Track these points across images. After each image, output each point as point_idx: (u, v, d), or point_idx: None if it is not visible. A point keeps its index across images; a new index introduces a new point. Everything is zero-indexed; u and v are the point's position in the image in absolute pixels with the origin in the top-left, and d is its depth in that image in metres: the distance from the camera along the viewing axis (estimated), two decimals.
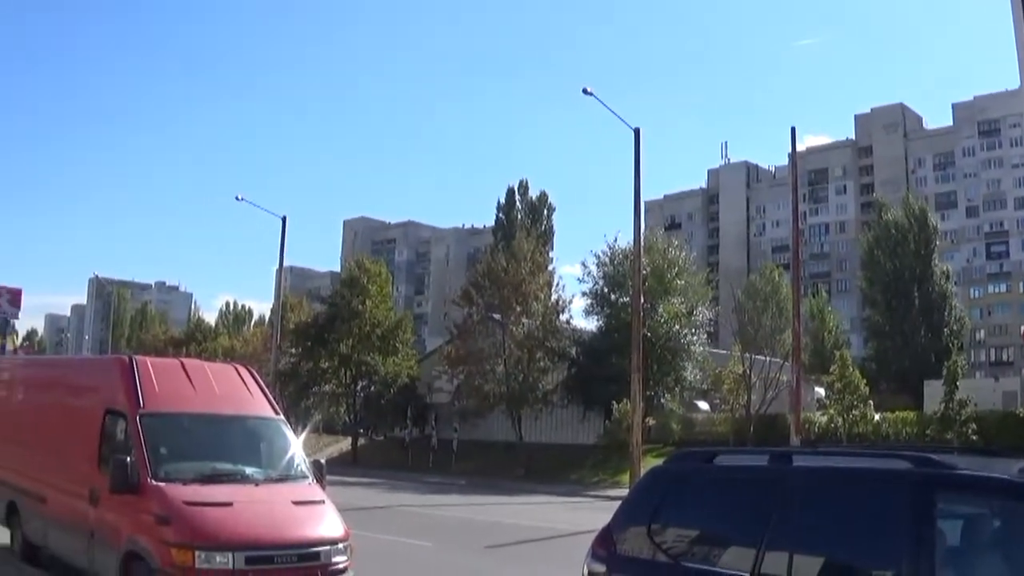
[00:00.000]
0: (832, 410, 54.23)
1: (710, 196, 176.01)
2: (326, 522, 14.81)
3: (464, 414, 66.85)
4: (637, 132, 44.46)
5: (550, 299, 68.18)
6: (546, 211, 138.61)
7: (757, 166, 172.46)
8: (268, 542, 13.86)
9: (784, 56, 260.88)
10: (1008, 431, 46.52)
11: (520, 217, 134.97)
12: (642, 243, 49.23)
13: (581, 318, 72.44)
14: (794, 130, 46.63)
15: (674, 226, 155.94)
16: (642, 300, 48.49)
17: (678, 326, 63.53)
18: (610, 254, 66.48)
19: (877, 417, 53.61)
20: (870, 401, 54.61)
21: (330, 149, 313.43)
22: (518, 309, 65.35)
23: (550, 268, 73.56)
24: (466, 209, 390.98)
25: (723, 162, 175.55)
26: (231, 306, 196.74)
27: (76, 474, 16.23)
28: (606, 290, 67.01)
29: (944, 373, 52.68)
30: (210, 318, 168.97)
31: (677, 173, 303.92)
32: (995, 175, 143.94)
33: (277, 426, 16.91)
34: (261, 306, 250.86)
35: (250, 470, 15.69)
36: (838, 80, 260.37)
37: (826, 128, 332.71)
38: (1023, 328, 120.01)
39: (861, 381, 54.34)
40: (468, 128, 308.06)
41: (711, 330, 75.50)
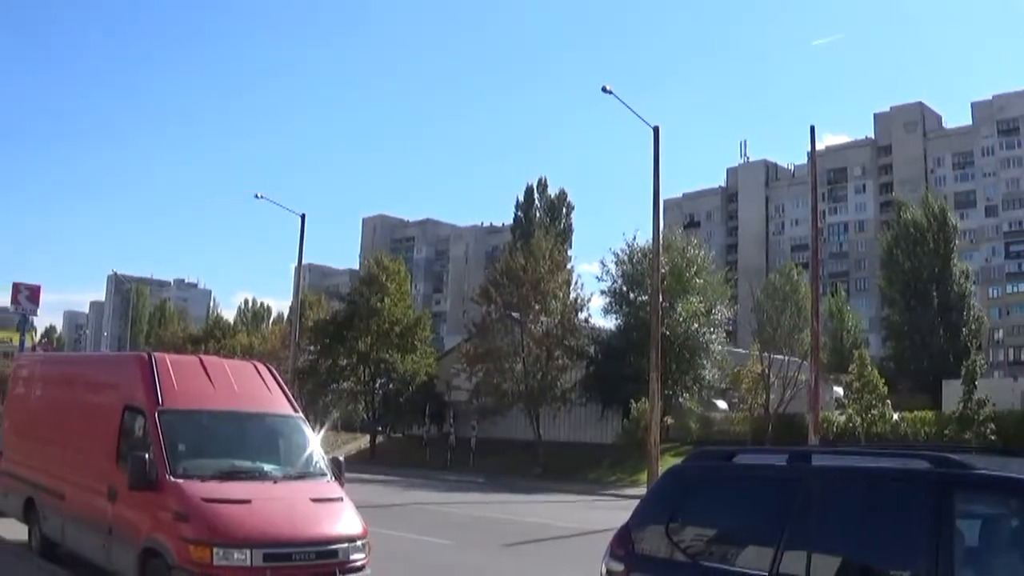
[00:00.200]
0: (850, 409, 54.12)
1: (729, 195, 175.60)
2: (344, 519, 14.81)
3: (482, 412, 66.95)
4: (656, 130, 44.37)
5: (569, 297, 68.25)
6: (565, 209, 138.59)
7: (776, 165, 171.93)
8: (286, 539, 13.84)
9: (802, 55, 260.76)
10: None
11: (539, 215, 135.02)
12: (661, 241, 49.03)
13: (600, 316, 72.56)
14: (813, 129, 46.16)
15: (693, 225, 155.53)
16: (661, 299, 48.44)
17: (697, 325, 63.49)
18: (629, 252, 66.48)
19: (895, 417, 53.45)
20: (888, 401, 54.50)
21: (349, 147, 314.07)
22: (537, 307, 65.38)
23: (569, 266, 73.69)
24: (485, 207, 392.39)
25: (742, 160, 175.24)
26: (250, 303, 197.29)
27: (94, 471, 16.26)
28: (624, 289, 66.94)
29: (963, 373, 52.45)
30: (229, 315, 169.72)
31: (696, 171, 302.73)
32: (1014, 174, 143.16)
33: (296, 423, 16.90)
34: (280, 303, 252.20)
35: (269, 467, 15.70)
36: (857, 79, 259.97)
37: (845, 127, 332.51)
38: None
39: (880, 381, 54.22)
40: (487, 126, 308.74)
41: (730, 329, 75.51)
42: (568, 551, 24.93)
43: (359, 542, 14.55)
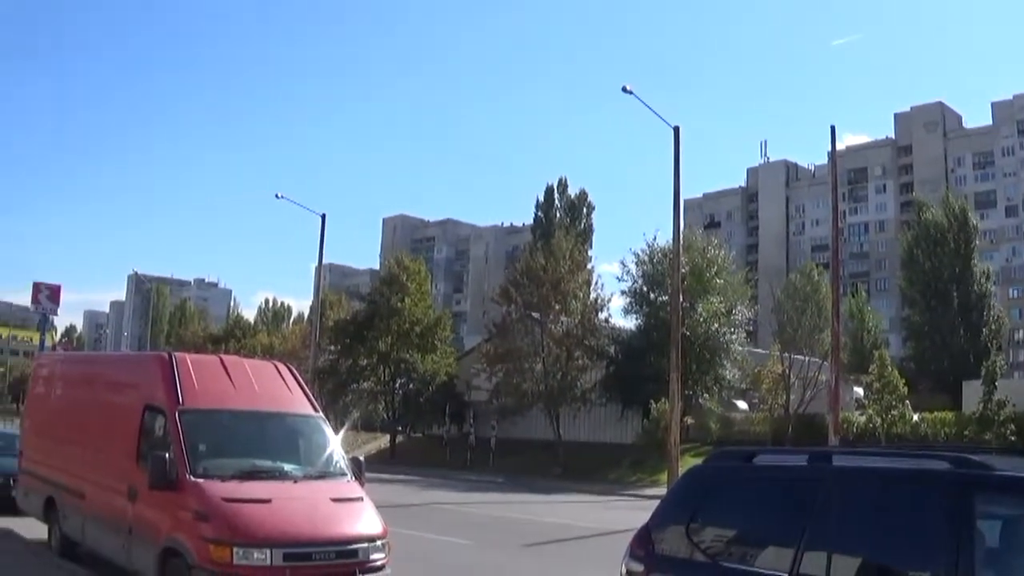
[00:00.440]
0: (871, 410, 54.01)
1: (749, 195, 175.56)
2: (364, 519, 14.79)
3: (502, 412, 66.93)
4: (677, 130, 44.40)
5: (589, 297, 68.23)
6: (585, 209, 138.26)
7: (796, 165, 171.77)
8: (306, 539, 13.84)
9: (823, 55, 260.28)
10: None
11: (559, 215, 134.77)
12: (681, 242, 49.11)
13: (620, 317, 72.51)
14: (834, 129, 46.30)
15: (713, 225, 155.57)
16: (681, 299, 48.36)
17: (717, 325, 63.36)
18: (649, 253, 66.34)
19: (915, 417, 53.37)
20: (908, 401, 54.41)
21: (370, 147, 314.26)
22: (557, 307, 65.40)
23: (589, 266, 73.65)
24: (505, 207, 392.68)
25: (762, 161, 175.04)
26: (270, 303, 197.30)
27: (115, 470, 16.28)
28: (645, 289, 66.86)
29: (983, 373, 52.40)
30: (249, 315, 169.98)
31: (716, 171, 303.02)
32: None
33: (316, 423, 16.88)
34: (300, 303, 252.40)
35: (289, 467, 15.68)
36: (877, 79, 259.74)
37: (865, 127, 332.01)
38: None
39: (900, 381, 54.10)
40: (507, 126, 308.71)
41: (750, 329, 75.33)
42: (588, 551, 24.89)
43: (379, 542, 14.53)
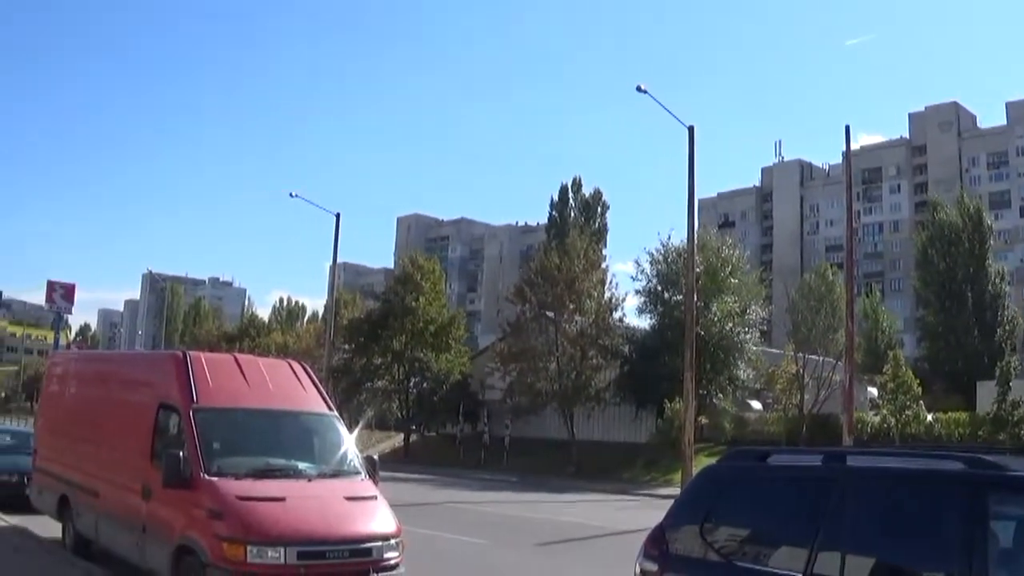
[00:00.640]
0: (885, 410, 54.02)
1: (764, 194, 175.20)
2: (378, 518, 14.79)
3: (516, 411, 66.89)
4: (691, 130, 44.35)
5: (603, 297, 68.16)
6: (600, 209, 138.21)
7: (811, 164, 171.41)
8: (320, 537, 13.83)
9: (837, 54, 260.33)
10: None
11: (573, 215, 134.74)
12: (696, 241, 49.02)
13: (634, 316, 72.48)
14: (848, 128, 46.38)
15: (727, 224, 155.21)
16: (695, 298, 48.29)
17: (731, 325, 63.26)
18: (663, 252, 66.25)
19: (930, 418, 53.31)
20: (922, 402, 54.37)
21: (384, 146, 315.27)
22: (571, 307, 65.37)
23: (603, 266, 73.50)
24: (519, 206, 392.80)
25: (777, 160, 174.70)
26: (284, 302, 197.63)
27: (129, 468, 16.29)
28: (659, 288, 66.78)
29: (997, 374, 52.34)
30: (263, 314, 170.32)
31: (731, 171, 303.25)
32: None
33: (330, 422, 16.87)
34: (315, 302, 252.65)
35: (303, 465, 15.66)
36: (891, 78, 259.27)
37: (880, 127, 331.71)
38: None
39: (914, 381, 54.09)
40: (522, 125, 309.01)
41: (764, 329, 75.18)
42: (602, 551, 24.91)
43: (393, 541, 14.53)
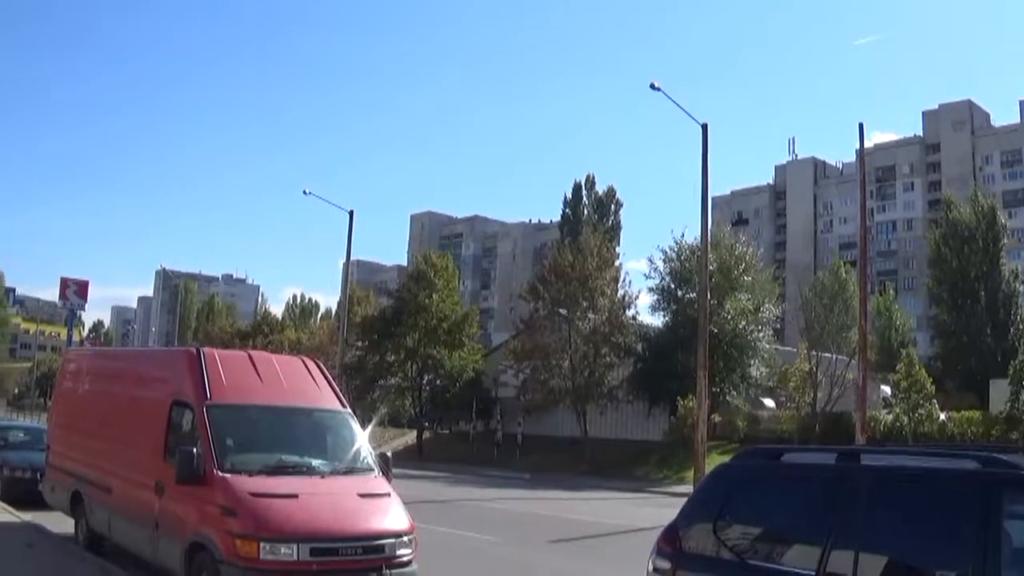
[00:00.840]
0: (898, 409, 53.99)
1: (777, 192, 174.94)
2: (391, 515, 14.74)
3: (529, 409, 67.01)
4: (705, 128, 44.32)
5: (616, 294, 68.18)
6: (613, 206, 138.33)
7: (824, 162, 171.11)
8: (333, 534, 13.81)
9: (851, 52, 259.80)
10: None
11: (587, 212, 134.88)
12: (709, 239, 48.99)
13: (647, 314, 72.55)
14: (862, 126, 46.09)
15: (741, 222, 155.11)
16: (709, 296, 48.30)
17: (744, 323, 63.25)
18: (677, 250, 66.33)
19: (942, 416, 53.23)
20: (935, 400, 54.29)
21: (397, 143, 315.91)
22: (584, 304, 65.43)
23: (617, 263, 73.36)
24: (532, 204, 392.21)
25: (790, 158, 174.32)
26: (298, 299, 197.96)
27: (142, 465, 16.29)
28: (672, 286, 66.83)
29: (1010, 373, 52.23)
30: (277, 311, 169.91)
31: (744, 169, 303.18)
32: None
33: (344, 419, 16.83)
34: (328, 299, 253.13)
35: (316, 462, 15.64)
36: (905, 76, 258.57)
37: (893, 125, 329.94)
38: None
39: (927, 380, 54.07)
40: (535, 123, 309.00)
41: (777, 327, 75.07)
42: (614, 548, 24.95)
43: (406, 537, 14.49)
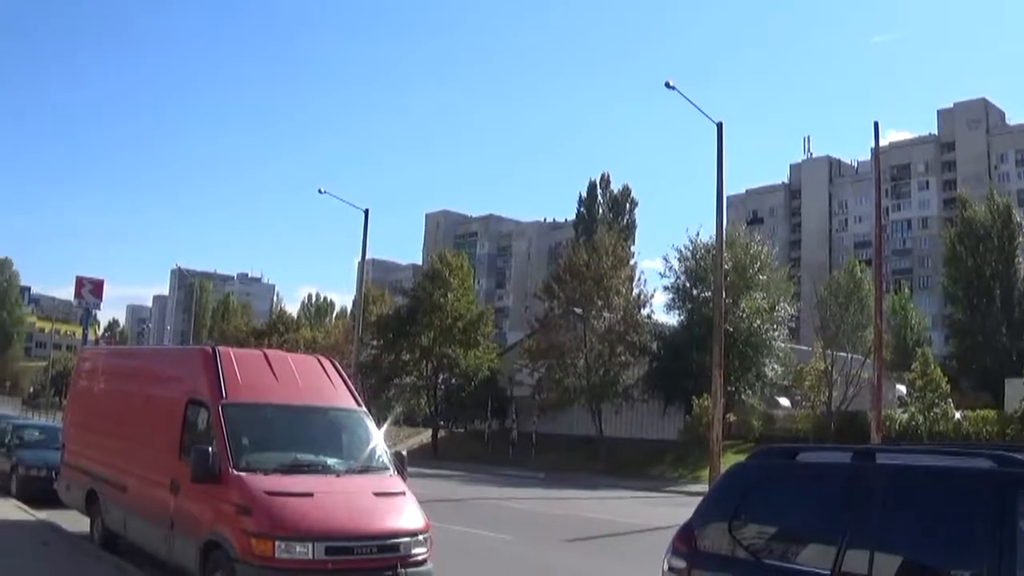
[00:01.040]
0: (913, 408, 53.91)
1: (792, 191, 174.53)
2: (406, 514, 14.73)
3: (544, 407, 67.03)
4: (720, 126, 44.16)
5: (631, 293, 68.27)
6: (628, 205, 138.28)
7: (839, 161, 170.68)
8: (348, 533, 13.81)
9: (865, 51, 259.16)
10: None
11: (602, 211, 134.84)
12: (724, 238, 48.88)
13: (662, 313, 72.51)
14: (877, 125, 45.72)
15: (756, 221, 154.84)
16: (724, 295, 48.21)
17: (759, 321, 63.23)
18: (692, 249, 66.44)
19: (958, 415, 53.15)
20: (950, 399, 54.20)
21: (412, 142, 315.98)
22: (599, 303, 65.48)
23: (631, 262, 73.33)
24: (547, 203, 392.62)
25: (805, 156, 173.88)
26: (313, 298, 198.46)
27: (157, 463, 16.31)
28: (687, 285, 66.86)
29: None
30: (292, 310, 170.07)
31: (759, 167, 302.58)
32: None
33: (359, 417, 16.83)
34: (343, 298, 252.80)
35: (331, 461, 15.63)
36: (920, 75, 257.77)
37: (908, 123, 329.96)
38: None
39: (942, 379, 54.01)
40: (550, 122, 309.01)
41: (792, 326, 75.00)
42: (630, 547, 24.95)
43: (421, 536, 14.48)
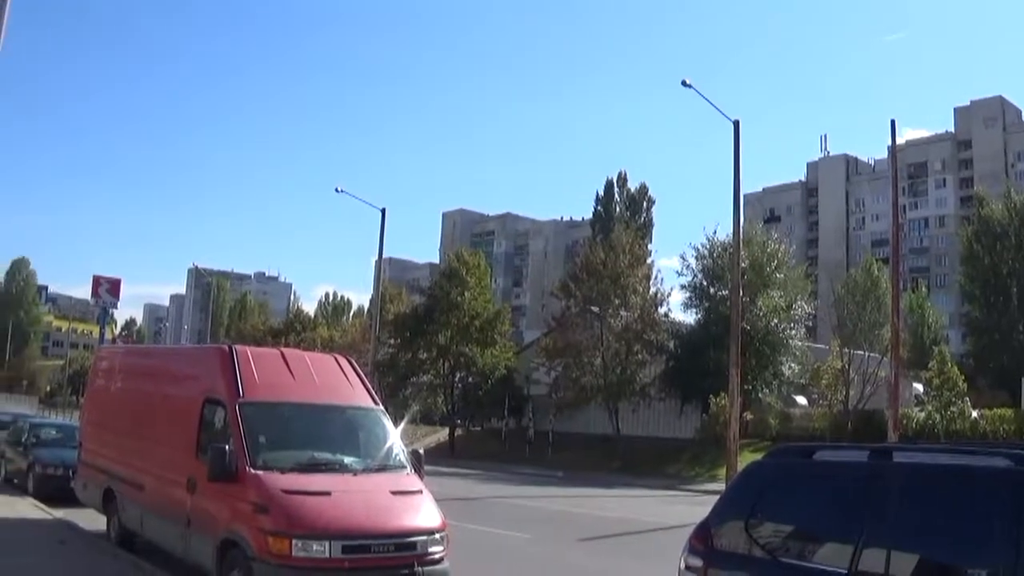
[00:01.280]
0: (930, 406, 53.78)
1: (809, 189, 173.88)
2: (423, 512, 14.75)
3: (561, 406, 67.05)
4: (736, 124, 44.10)
5: (648, 292, 68.19)
6: (645, 203, 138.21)
7: (856, 159, 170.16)
8: (365, 531, 13.82)
9: (882, 49, 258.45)
10: None
11: (619, 209, 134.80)
12: (741, 236, 48.80)
13: (679, 311, 72.32)
14: (894, 123, 45.58)
15: (773, 219, 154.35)
16: (741, 294, 48.18)
17: (776, 320, 63.14)
18: (709, 247, 66.36)
19: (975, 414, 53.00)
20: (967, 398, 54.04)
21: (429, 142, 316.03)
22: (616, 302, 65.42)
23: (648, 261, 73.41)
24: (564, 201, 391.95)
25: (822, 155, 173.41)
26: (330, 297, 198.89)
27: (174, 462, 16.34)
28: (704, 283, 66.81)
29: None
30: (309, 308, 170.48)
31: (776, 165, 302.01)
32: None
33: (376, 416, 16.82)
34: (360, 297, 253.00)
35: (349, 459, 15.65)
36: (937, 73, 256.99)
37: (925, 121, 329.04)
38: None
39: (959, 377, 53.83)
40: (567, 120, 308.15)
41: (809, 324, 74.93)
42: (646, 546, 24.96)
43: (438, 535, 14.49)
